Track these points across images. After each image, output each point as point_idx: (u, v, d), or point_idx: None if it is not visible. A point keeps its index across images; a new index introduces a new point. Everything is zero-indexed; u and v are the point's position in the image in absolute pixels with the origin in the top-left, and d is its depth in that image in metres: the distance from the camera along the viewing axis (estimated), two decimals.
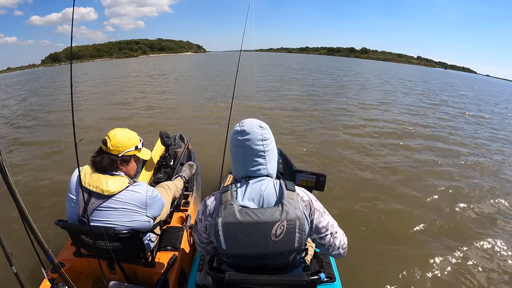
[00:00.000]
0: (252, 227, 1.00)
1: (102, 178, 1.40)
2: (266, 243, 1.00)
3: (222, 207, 1.03)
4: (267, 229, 1.00)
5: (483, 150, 5.70)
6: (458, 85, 24.80)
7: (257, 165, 1.11)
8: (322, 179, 2.01)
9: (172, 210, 2.17)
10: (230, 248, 1.03)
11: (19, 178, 3.86)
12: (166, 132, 2.80)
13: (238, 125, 1.14)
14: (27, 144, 5.63)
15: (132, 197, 1.43)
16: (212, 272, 1.14)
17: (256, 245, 1.01)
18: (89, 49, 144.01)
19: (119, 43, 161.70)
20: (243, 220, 1.00)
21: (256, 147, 1.10)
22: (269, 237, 1.00)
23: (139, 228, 1.46)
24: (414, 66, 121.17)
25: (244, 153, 1.11)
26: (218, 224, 1.01)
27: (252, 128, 1.11)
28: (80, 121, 6.80)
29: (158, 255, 1.73)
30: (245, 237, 1.01)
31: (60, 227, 1.42)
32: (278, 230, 1.00)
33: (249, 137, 1.10)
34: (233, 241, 1.01)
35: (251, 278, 1.11)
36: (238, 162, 1.14)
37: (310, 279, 1.09)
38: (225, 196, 1.06)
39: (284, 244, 1.01)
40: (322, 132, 6.10)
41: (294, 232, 1.01)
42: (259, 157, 1.11)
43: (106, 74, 24.26)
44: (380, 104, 9.92)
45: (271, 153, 1.15)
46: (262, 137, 1.11)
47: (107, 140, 1.45)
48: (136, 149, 1.55)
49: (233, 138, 1.14)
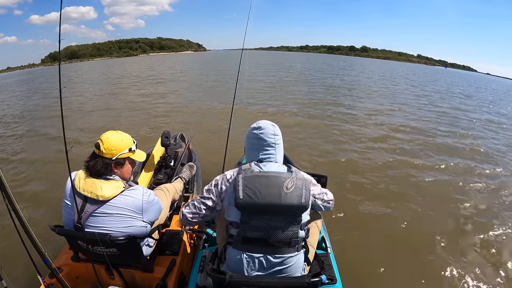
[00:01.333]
0: (268, 179, 1.20)
1: (96, 183, 1.36)
2: (279, 194, 1.17)
3: (242, 171, 1.24)
4: (281, 181, 1.19)
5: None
6: (466, 85, 23.83)
7: (268, 154, 1.36)
8: (323, 180, 2.02)
9: (172, 213, 2.13)
10: (246, 197, 1.16)
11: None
12: (168, 132, 2.77)
13: (255, 123, 1.42)
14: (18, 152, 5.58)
15: (127, 202, 1.39)
16: (213, 274, 1.17)
17: (271, 195, 1.17)
18: (89, 48, 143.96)
19: (119, 42, 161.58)
20: (261, 174, 1.22)
21: (269, 139, 1.36)
22: (282, 188, 1.17)
23: (136, 234, 1.42)
24: (414, 64, 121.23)
25: (259, 144, 1.37)
26: (238, 179, 1.20)
27: (266, 125, 1.39)
28: (78, 123, 6.78)
29: (157, 260, 1.69)
30: (262, 187, 1.17)
31: (56, 233, 1.39)
32: (289, 183, 1.19)
33: (263, 131, 1.37)
34: (250, 191, 1.17)
35: (251, 280, 1.15)
36: (253, 152, 1.38)
37: (311, 281, 1.13)
38: (244, 166, 1.29)
39: (293, 197, 1.17)
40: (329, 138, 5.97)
41: (302, 188, 1.20)
42: (270, 148, 1.36)
43: (104, 74, 24.17)
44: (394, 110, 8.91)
45: (280, 146, 1.40)
46: (273, 132, 1.38)
47: (99, 144, 1.41)
48: (130, 151, 1.51)
49: (250, 133, 1.41)
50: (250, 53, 10.81)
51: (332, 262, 1.68)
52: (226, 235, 1.29)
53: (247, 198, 1.16)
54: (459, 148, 5.52)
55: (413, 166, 4.41)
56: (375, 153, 4.92)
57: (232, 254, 1.25)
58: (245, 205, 1.17)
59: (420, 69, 49.03)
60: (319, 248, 1.84)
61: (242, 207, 1.18)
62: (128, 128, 6.25)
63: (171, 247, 1.78)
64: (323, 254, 1.72)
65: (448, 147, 5.56)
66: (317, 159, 4.61)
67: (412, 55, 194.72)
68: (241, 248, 1.21)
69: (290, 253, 1.21)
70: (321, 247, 1.86)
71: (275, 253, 1.20)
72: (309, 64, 35.27)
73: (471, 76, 50.14)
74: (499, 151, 5.52)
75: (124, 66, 33.70)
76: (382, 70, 29.25)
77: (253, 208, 1.18)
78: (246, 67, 2.94)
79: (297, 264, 1.25)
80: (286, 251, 1.21)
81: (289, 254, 1.21)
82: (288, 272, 1.23)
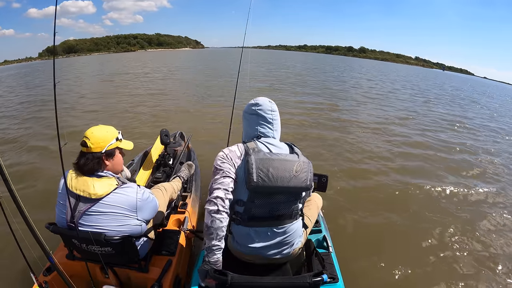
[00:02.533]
0: (280, 162, 1.24)
1: (88, 181, 1.34)
2: (290, 178, 1.23)
3: (251, 151, 1.26)
4: (291, 165, 1.25)
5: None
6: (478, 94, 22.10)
7: (267, 129, 1.40)
8: (324, 179, 2.03)
9: (169, 212, 2.10)
10: (259, 180, 1.20)
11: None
12: (167, 130, 2.74)
13: (253, 100, 1.44)
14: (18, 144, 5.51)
15: (121, 199, 1.36)
16: (215, 275, 1.17)
17: (282, 178, 1.22)
18: (87, 42, 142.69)
19: (117, 37, 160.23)
20: (273, 157, 1.25)
21: (266, 115, 1.40)
22: (292, 172, 1.24)
23: (131, 232, 1.40)
24: (412, 66, 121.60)
25: (257, 119, 1.40)
26: (251, 160, 1.22)
27: (263, 101, 1.42)
28: (76, 121, 6.71)
29: (153, 260, 1.66)
30: (274, 171, 1.22)
31: (50, 231, 1.36)
32: (297, 167, 1.26)
33: (261, 107, 1.40)
34: (264, 174, 1.20)
35: (253, 281, 1.16)
36: (251, 127, 1.42)
37: (313, 280, 1.14)
38: (250, 144, 1.32)
39: (300, 181, 1.26)
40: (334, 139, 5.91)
41: (307, 172, 1.29)
42: (268, 123, 1.40)
43: (101, 70, 23.89)
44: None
45: (277, 123, 1.44)
46: (271, 108, 1.41)
47: (86, 141, 1.39)
48: (117, 140, 1.50)
49: (248, 108, 1.44)
50: (249, 51, 10.09)
51: (333, 261, 1.68)
52: (231, 212, 1.30)
53: (260, 181, 1.20)
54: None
55: (417, 172, 4.39)
56: (381, 155, 4.89)
57: (239, 230, 1.33)
58: (258, 188, 1.22)
59: (419, 72, 48.98)
60: (320, 247, 1.84)
61: (255, 189, 1.22)
62: (127, 126, 6.19)
63: (167, 247, 1.75)
64: (325, 253, 1.72)
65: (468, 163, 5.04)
66: (320, 155, 4.61)
67: (410, 57, 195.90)
68: (247, 225, 1.30)
69: (290, 222, 1.33)
70: (323, 246, 1.86)
71: (279, 224, 1.31)
72: (309, 64, 35.12)
73: (475, 81, 49.68)
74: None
75: (121, 62, 33.31)
76: (384, 74, 28.94)
77: (264, 190, 1.23)
78: (248, 66, 2.92)
79: (296, 232, 1.37)
80: (287, 222, 1.33)
81: (290, 224, 1.33)
82: (289, 240, 1.35)
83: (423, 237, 2.74)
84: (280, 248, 1.35)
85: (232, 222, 1.33)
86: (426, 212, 3.17)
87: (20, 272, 1.98)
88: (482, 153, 5.62)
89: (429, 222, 2.98)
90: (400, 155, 4.99)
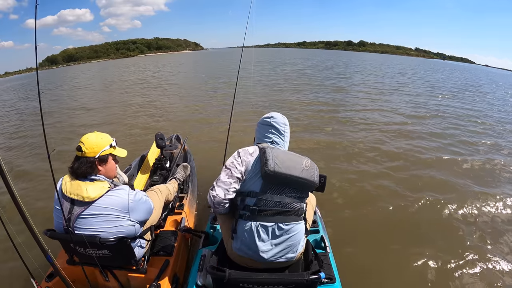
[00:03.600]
0: (292, 156, 1.42)
1: (82, 185, 1.39)
2: (301, 169, 1.36)
3: (267, 148, 1.40)
4: (301, 159, 1.41)
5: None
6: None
7: (278, 139, 1.55)
8: (323, 180, 2.02)
9: (166, 214, 2.14)
10: (275, 166, 1.31)
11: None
12: (162, 133, 2.77)
13: (268, 114, 1.62)
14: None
15: (112, 201, 1.41)
16: (212, 271, 1.21)
17: (295, 168, 1.35)
18: (86, 50, 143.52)
19: (116, 44, 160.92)
20: (286, 152, 1.46)
21: (279, 127, 1.56)
22: (302, 165, 1.38)
23: (125, 234, 1.44)
24: (412, 58, 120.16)
25: (270, 129, 1.56)
26: (268, 151, 1.36)
27: (277, 115, 1.60)
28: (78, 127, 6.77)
29: (151, 261, 1.71)
30: (288, 161, 1.36)
31: (48, 237, 1.40)
32: (307, 163, 1.40)
33: (275, 120, 1.57)
34: (279, 161, 1.33)
35: (251, 277, 1.19)
36: (265, 135, 1.57)
37: (310, 278, 1.17)
38: (264, 144, 1.48)
39: (310, 174, 1.37)
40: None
41: (314, 169, 1.41)
42: (280, 135, 1.56)
43: (101, 77, 23.94)
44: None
45: (287, 136, 1.60)
46: (284, 122, 1.58)
47: (81, 146, 1.45)
48: (111, 147, 1.55)
49: (263, 120, 1.61)
50: (248, 51, 9.60)
51: (331, 262, 1.69)
52: (239, 208, 1.39)
53: (276, 168, 1.31)
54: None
55: (418, 166, 4.32)
56: (383, 156, 4.77)
57: (245, 226, 1.36)
58: (273, 174, 1.31)
59: (421, 63, 47.76)
60: (318, 247, 1.85)
61: (270, 175, 1.32)
62: (123, 130, 6.24)
63: (165, 248, 1.80)
64: (322, 253, 1.73)
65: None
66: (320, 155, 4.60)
67: (410, 49, 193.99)
68: (255, 219, 1.35)
69: (296, 221, 1.39)
70: (320, 246, 1.87)
71: (285, 221, 1.36)
72: (311, 61, 34.67)
73: (480, 70, 47.52)
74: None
75: (120, 68, 33.38)
76: (390, 66, 27.93)
77: (277, 178, 1.33)
78: (252, 67, 2.90)
79: (300, 233, 1.42)
80: (294, 219, 1.38)
81: (296, 222, 1.39)
82: (293, 240, 1.39)
83: (424, 240, 2.69)
84: (284, 250, 1.38)
85: (238, 220, 1.38)
86: (427, 213, 3.12)
87: (22, 279, 1.99)
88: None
89: (432, 225, 2.91)
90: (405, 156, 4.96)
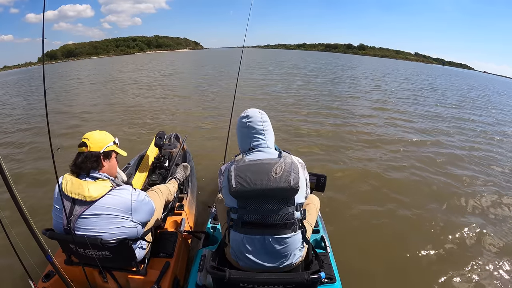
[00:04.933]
0: (258, 166, 1.27)
1: (83, 184, 1.36)
2: (268, 179, 1.23)
3: (235, 162, 1.32)
4: (269, 167, 1.26)
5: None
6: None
7: (259, 140, 1.43)
8: (323, 180, 2.03)
9: (166, 214, 2.11)
10: (238, 186, 1.24)
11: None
12: (163, 132, 2.75)
13: (243, 112, 1.49)
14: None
15: (115, 201, 1.39)
16: (212, 271, 1.21)
17: (261, 180, 1.23)
18: (86, 46, 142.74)
19: (116, 40, 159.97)
20: (251, 162, 1.30)
21: (257, 126, 1.43)
22: (271, 174, 1.24)
23: (127, 235, 1.42)
24: (412, 62, 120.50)
25: (248, 132, 1.44)
26: (231, 169, 1.29)
27: (253, 113, 1.46)
28: (77, 126, 6.73)
29: (151, 262, 1.68)
30: (252, 175, 1.25)
31: (47, 237, 1.37)
32: (277, 168, 1.26)
33: (251, 120, 1.44)
34: (242, 179, 1.24)
35: (251, 277, 1.18)
36: (244, 140, 1.46)
37: (310, 277, 1.16)
38: (237, 157, 1.38)
39: (282, 181, 1.23)
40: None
41: (290, 172, 1.25)
42: (259, 134, 1.43)
43: (99, 73, 23.76)
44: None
45: (269, 132, 1.47)
46: (261, 119, 1.45)
47: (85, 141, 1.46)
48: (114, 143, 1.58)
49: (239, 122, 1.48)
50: (249, 51, 9.48)
51: (331, 262, 1.69)
52: (228, 220, 1.37)
53: (239, 187, 1.24)
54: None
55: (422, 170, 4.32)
56: (384, 157, 4.80)
57: (234, 237, 1.34)
58: (238, 193, 1.25)
59: (423, 69, 47.76)
60: (318, 247, 1.85)
61: (236, 195, 1.26)
62: (123, 129, 6.21)
63: (165, 249, 1.77)
64: (323, 253, 1.73)
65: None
66: (319, 157, 4.60)
67: (410, 53, 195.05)
68: (241, 231, 1.30)
69: (287, 234, 1.29)
70: (320, 246, 1.86)
71: (273, 234, 1.28)
72: (313, 64, 34.71)
73: (484, 78, 47.67)
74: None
75: (119, 65, 33.23)
76: (397, 72, 27.95)
77: (246, 195, 1.25)
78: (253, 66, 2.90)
79: (294, 244, 1.32)
80: (283, 232, 1.28)
81: (287, 235, 1.29)
82: (285, 251, 1.31)
83: (423, 239, 2.70)
84: (278, 259, 1.32)
85: (230, 229, 1.36)
86: (430, 214, 3.12)
87: (18, 279, 1.97)
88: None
89: (430, 224, 2.94)
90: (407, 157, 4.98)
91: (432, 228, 2.88)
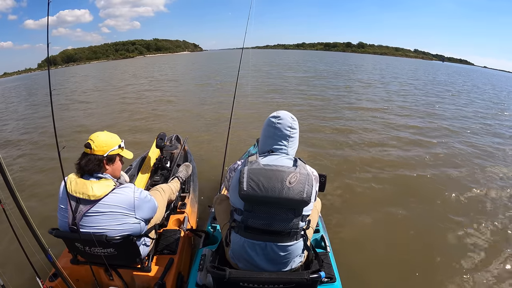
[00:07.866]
0: (272, 173, 1.22)
1: (87, 183, 1.40)
2: (282, 188, 1.19)
3: (249, 163, 1.26)
4: (284, 176, 1.20)
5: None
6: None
7: (281, 145, 1.36)
8: (323, 179, 2.03)
9: (169, 213, 2.15)
10: (249, 189, 1.19)
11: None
12: (164, 134, 2.79)
13: (276, 112, 1.42)
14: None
15: (118, 199, 1.42)
16: (213, 270, 1.20)
17: (273, 189, 1.19)
18: (85, 51, 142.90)
19: (115, 45, 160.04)
20: (266, 167, 1.24)
21: (285, 131, 1.37)
22: (285, 182, 1.19)
23: (130, 231, 1.45)
24: (412, 59, 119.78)
25: (274, 133, 1.37)
26: (244, 171, 1.23)
27: (285, 116, 1.39)
28: (79, 127, 6.77)
29: (155, 259, 1.72)
30: (265, 181, 1.20)
31: (53, 236, 1.41)
32: (292, 178, 1.20)
33: (281, 122, 1.37)
34: (254, 183, 1.20)
35: (251, 276, 1.18)
36: (267, 139, 1.40)
37: (310, 277, 1.16)
38: (251, 158, 1.30)
39: (295, 192, 1.19)
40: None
41: (304, 184, 1.20)
42: (284, 140, 1.37)
43: (100, 78, 23.83)
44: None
45: (294, 140, 1.40)
46: (291, 125, 1.38)
47: (90, 143, 1.47)
48: (120, 147, 1.58)
49: (268, 120, 1.41)
50: (250, 52, 8.68)
51: (331, 261, 1.70)
52: (230, 219, 1.35)
53: (250, 190, 1.20)
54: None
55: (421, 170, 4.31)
56: (385, 156, 4.80)
57: (235, 239, 1.32)
58: (248, 197, 1.21)
59: (422, 65, 47.12)
60: (318, 247, 1.86)
61: (245, 198, 1.23)
62: (125, 132, 6.24)
63: (168, 246, 1.81)
64: (323, 253, 1.74)
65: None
66: (320, 155, 4.60)
67: (409, 50, 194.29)
68: (244, 235, 1.28)
69: (289, 241, 1.27)
70: (320, 246, 1.88)
71: (276, 241, 1.26)
72: (315, 63, 34.46)
73: (487, 73, 46.64)
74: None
75: (119, 69, 33.28)
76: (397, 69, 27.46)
77: (256, 200, 1.21)
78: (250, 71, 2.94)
79: (295, 252, 1.31)
80: (286, 240, 1.26)
81: (289, 243, 1.27)
82: (286, 258, 1.31)
83: (423, 239, 2.70)
84: (277, 266, 1.32)
85: (231, 230, 1.35)
86: (427, 214, 3.12)
87: (27, 278, 2.00)
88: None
89: (430, 223, 2.93)
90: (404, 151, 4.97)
91: (432, 228, 2.86)
